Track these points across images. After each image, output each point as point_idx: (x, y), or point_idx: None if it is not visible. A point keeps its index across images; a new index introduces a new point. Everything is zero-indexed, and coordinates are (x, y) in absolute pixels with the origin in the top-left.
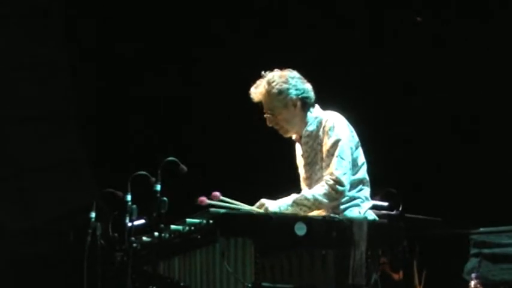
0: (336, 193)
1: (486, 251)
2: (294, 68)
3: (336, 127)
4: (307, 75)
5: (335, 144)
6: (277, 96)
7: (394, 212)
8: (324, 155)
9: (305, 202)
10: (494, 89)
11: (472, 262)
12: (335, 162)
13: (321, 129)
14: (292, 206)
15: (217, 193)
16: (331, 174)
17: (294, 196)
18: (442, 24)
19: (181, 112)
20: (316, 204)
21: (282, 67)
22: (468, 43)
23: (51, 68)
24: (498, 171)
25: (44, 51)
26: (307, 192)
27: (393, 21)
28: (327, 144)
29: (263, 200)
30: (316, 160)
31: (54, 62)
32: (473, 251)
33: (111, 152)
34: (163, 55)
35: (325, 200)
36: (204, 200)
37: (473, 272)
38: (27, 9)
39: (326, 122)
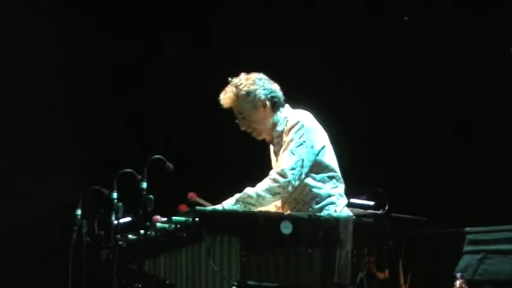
0: (278, 186)
1: (491, 247)
2: (288, 68)
3: (297, 125)
4: (302, 74)
5: (291, 141)
6: (246, 98)
7: (380, 211)
8: (281, 152)
9: (248, 199)
10: (484, 88)
11: (466, 259)
12: (285, 156)
13: (284, 128)
14: (235, 204)
15: (193, 194)
16: (278, 167)
17: (238, 195)
18: (438, 23)
19: (173, 109)
20: (259, 200)
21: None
22: (464, 42)
23: (46, 66)
24: (485, 170)
25: (35, 49)
26: (249, 189)
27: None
28: (285, 141)
29: (210, 207)
30: None
31: (49, 60)
32: (468, 248)
33: (101, 150)
34: (158, 54)
35: (267, 195)
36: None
37: (468, 268)
38: (27, 8)
39: (289, 119)
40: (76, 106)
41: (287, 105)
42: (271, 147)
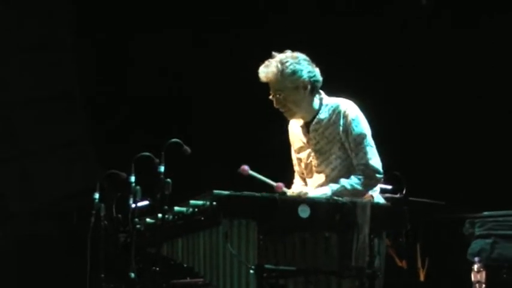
0: (375, 181)
1: (501, 232)
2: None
3: (358, 116)
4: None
5: (362, 134)
6: (290, 76)
7: (398, 195)
8: (352, 144)
9: (343, 191)
10: (497, 75)
11: (479, 243)
12: (368, 151)
13: (341, 119)
14: (331, 196)
15: (245, 167)
16: (366, 163)
17: (331, 186)
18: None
19: (188, 94)
20: (354, 192)
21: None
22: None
23: (57, 49)
24: (502, 155)
25: (48, 32)
26: (345, 182)
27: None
28: (352, 134)
29: (304, 189)
30: (331, 149)
31: (59, 43)
32: (480, 232)
33: (115, 133)
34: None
35: (364, 189)
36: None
37: (482, 253)
38: None
39: (346, 111)
40: (93, 89)
41: (323, 93)
42: (296, 128)
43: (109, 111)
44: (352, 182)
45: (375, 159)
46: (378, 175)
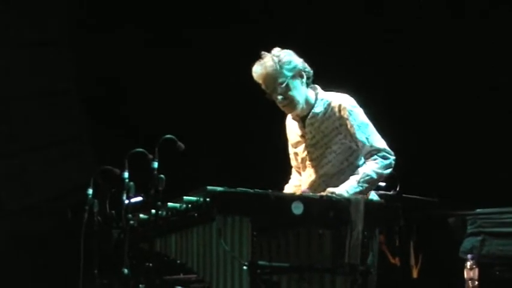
0: (391, 161)
1: (489, 229)
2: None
3: (356, 107)
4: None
5: (363, 124)
6: (288, 65)
7: (391, 192)
8: (354, 137)
9: (369, 179)
10: (493, 73)
11: (470, 241)
12: (374, 138)
13: (337, 113)
14: (358, 186)
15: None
16: (378, 148)
17: (355, 177)
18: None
19: (182, 90)
20: (378, 178)
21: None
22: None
23: (54, 46)
24: (496, 153)
25: (46, 29)
26: (366, 169)
27: None
28: (353, 126)
29: (330, 189)
30: (326, 143)
31: (57, 39)
32: (471, 229)
33: (110, 130)
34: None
35: (386, 171)
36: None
37: (473, 250)
38: None
39: (342, 104)
40: (87, 85)
41: (318, 87)
42: (292, 124)
43: (106, 107)
44: (374, 168)
45: (381, 143)
46: (391, 155)
